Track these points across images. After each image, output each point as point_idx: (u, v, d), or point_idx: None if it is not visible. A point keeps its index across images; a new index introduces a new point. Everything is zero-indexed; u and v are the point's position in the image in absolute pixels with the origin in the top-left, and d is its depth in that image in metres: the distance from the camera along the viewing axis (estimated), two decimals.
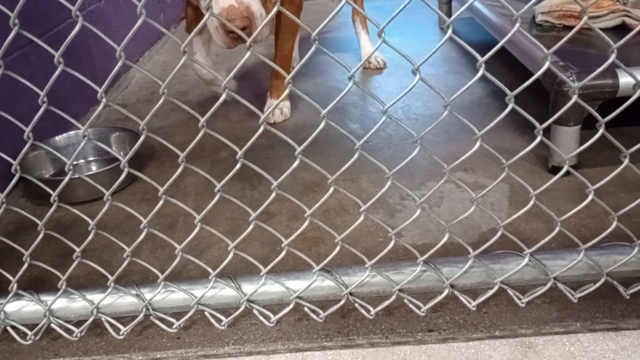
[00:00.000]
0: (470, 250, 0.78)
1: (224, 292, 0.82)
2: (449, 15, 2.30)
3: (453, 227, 0.80)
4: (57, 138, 1.47)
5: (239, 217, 1.21)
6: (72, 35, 0.60)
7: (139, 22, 0.59)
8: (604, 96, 1.11)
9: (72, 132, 1.53)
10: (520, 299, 0.81)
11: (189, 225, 1.21)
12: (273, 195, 0.71)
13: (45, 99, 0.65)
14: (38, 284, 1.05)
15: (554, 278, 0.79)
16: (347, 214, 1.19)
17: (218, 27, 1.23)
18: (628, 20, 1.41)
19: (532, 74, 0.65)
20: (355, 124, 1.59)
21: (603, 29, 1.42)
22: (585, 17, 0.60)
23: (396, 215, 1.16)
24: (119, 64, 0.63)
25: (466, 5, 0.63)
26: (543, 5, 1.54)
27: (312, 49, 0.62)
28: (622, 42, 0.64)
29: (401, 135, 1.50)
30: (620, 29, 1.41)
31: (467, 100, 1.63)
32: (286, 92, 0.66)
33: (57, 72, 0.63)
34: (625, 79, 1.11)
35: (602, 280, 0.80)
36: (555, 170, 1.23)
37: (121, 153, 1.51)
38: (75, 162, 1.49)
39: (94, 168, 1.49)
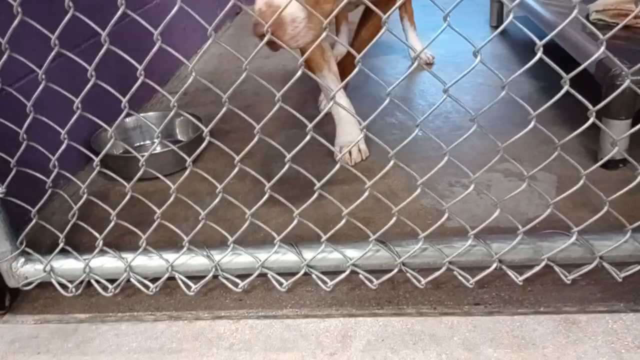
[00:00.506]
0: (519, 227, 0.83)
1: (285, 256, 0.90)
2: (501, 13, 2.32)
3: (501, 211, 0.84)
4: (126, 120, 1.58)
5: (294, 196, 1.29)
6: (172, 14, 0.68)
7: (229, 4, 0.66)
8: None
9: (141, 114, 1.64)
10: (566, 277, 0.85)
11: (247, 201, 1.29)
12: (337, 166, 0.78)
13: (142, 72, 0.74)
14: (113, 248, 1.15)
15: (600, 257, 0.83)
16: (397, 197, 1.24)
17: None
18: None
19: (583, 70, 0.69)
20: (405, 115, 1.64)
21: None
22: (638, 9, 0.64)
23: (445, 200, 1.21)
24: (210, 40, 0.70)
25: (515, 2, 0.68)
26: (598, 4, 1.56)
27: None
28: None
29: (449, 126, 1.54)
30: None
31: (517, 95, 1.65)
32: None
33: (155, 48, 0.72)
34: None
35: None
36: (604, 164, 1.25)
37: (184, 136, 1.62)
38: (142, 143, 1.60)
39: (159, 149, 1.59)
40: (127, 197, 0.87)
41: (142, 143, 1.61)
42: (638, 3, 0.63)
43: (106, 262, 0.95)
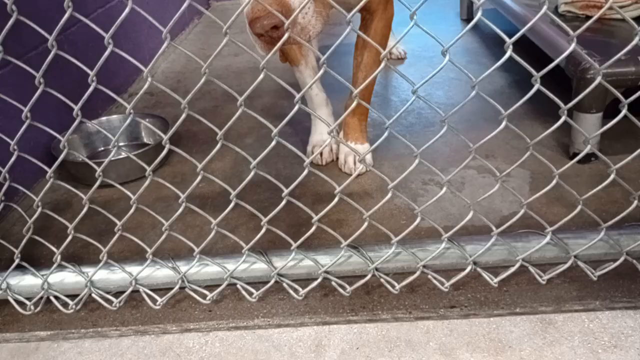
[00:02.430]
0: (494, 228, 0.81)
1: (255, 266, 0.86)
2: (471, 6, 2.32)
3: (475, 212, 0.83)
4: (88, 124, 1.52)
5: (265, 199, 1.25)
6: (123, 16, 0.64)
7: (185, 4, 0.62)
8: (626, 83, 1.12)
9: (102, 118, 1.59)
10: (541, 277, 0.84)
11: (217, 206, 1.25)
12: (306, 171, 0.75)
13: (94, 77, 0.69)
14: (75, 261, 1.10)
15: (575, 256, 0.82)
16: (370, 198, 1.22)
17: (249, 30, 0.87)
18: None
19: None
20: (378, 111, 1.61)
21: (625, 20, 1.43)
22: (610, 2, 0.63)
23: (418, 200, 1.19)
24: (165, 44, 0.66)
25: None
26: None
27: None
28: None
29: (423, 123, 1.53)
30: None
31: (489, 90, 1.65)
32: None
33: (106, 52, 0.67)
34: None
35: (622, 259, 0.82)
36: (576, 157, 1.25)
37: (150, 139, 1.56)
38: (105, 147, 1.55)
39: (123, 154, 1.54)
40: (85, 208, 0.82)
41: (106, 147, 1.55)
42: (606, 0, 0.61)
43: (66, 277, 0.90)
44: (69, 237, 0.86)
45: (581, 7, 1.52)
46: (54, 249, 0.88)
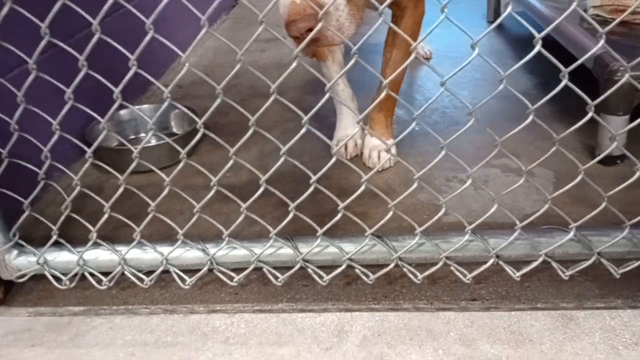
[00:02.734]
0: (517, 222, 0.82)
1: (281, 250, 0.89)
2: (498, 8, 2.31)
3: (498, 207, 0.84)
4: (121, 112, 1.57)
5: (290, 190, 1.28)
6: (163, 3, 0.67)
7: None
8: None
9: (135, 107, 1.63)
10: (563, 273, 0.84)
11: (244, 194, 1.28)
12: (333, 159, 0.77)
13: (135, 62, 0.72)
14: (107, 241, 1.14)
15: (598, 253, 0.83)
16: (394, 192, 1.24)
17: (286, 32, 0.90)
18: None
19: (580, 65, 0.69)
20: (403, 109, 1.63)
21: None
22: (637, 2, 0.64)
23: (442, 195, 1.20)
24: (203, 30, 0.69)
25: None
26: None
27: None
28: None
29: (447, 122, 1.54)
30: None
31: (514, 90, 1.66)
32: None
33: (147, 37, 0.71)
34: None
35: None
36: (601, 160, 1.25)
37: (180, 130, 1.60)
38: (135, 136, 1.59)
39: (154, 141, 1.58)
40: (121, 189, 0.86)
41: (136, 136, 1.59)
42: None
43: (100, 255, 0.94)
44: (105, 216, 0.89)
45: (610, 11, 1.52)
46: (89, 227, 0.92)
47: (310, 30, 0.80)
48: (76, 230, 1.17)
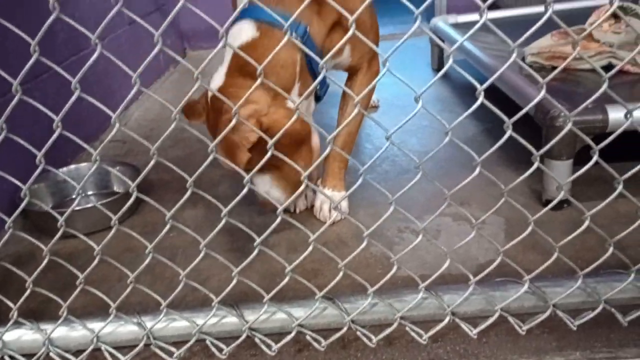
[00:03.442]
0: (471, 277, 0.79)
1: (226, 320, 0.82)
2: (442, 57, 2.38)
3: (451, 260, 0.81)
4: (56, 172, 1.48)
5: (237, 249, 1.22)
6: (90, 62, 0.63)
7: (156, 49, 0.61)
8: (594, 131, 1.15)
9: (71, 166, 1.55)
10: (520, 327, 0.81)
11: (188, 257, 1.21)
12: (279, 219, 0.73)
13: (59, 123, 0.67)
14: (34, 317, 1.04)
15: (553, 305, 0.80)
16: (346, 247, 1.20)
17: None
18: (614, 62, 1.47)
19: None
20: (352, 159, 1.61)
21: (590, 70, 1.48)
22: (578, 49, 0.64)
23: (394, 248, 1.17)
24: (134, 89, 0.65)
25: (456, 45, 0.65)
26: (532, 47, 1.61)
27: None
28: (612, 72, 0.67)
29: (397, 170, 1.53)
30: (607, 70, 1.46)
31: (461, 138, 1.67)
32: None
33: (73, 97, 0.66)
34: (614, 115, 1.15)
35: (600, 308, 0.80)
36: (548, 203, 1.25)
37: (121, 188, 1.53)
38: (73, 196, 1.50)
39: (94, 202, 1.49)
40: (45, 260, 0.78)
41: (75, 196, 1.50)
42: (575, 46, 0.62)
43: (23, 335, 0.85)
44: (27, 292, 0.81)
45: (547, 58, 1.57)
46: (10, 304, 0.83)
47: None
48: (3, 307, 1.06)
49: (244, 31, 1.07)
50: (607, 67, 1.47)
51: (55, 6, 0.60)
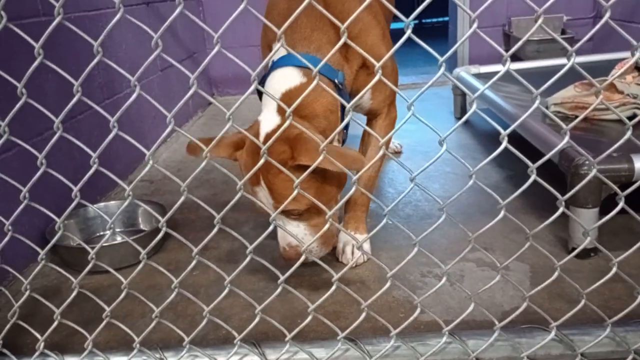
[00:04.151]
0: (496, 322, 0.78)
1: (247, 358, 0.82)
2: (464, 105, 2.41)
3: (475, 305, 0.80)
4: (87, 209, 1.52)
5: (260, 289, 1.22)
6: (125, 105, 0.66)
7: (191, 91, 0.65)
8: (620, 179, 1.14)
9: (101, 204, 1.59)
10: None
11: (210, 295, 1.22)
12: (302, 257, 0.74)
13: (96, 159, 0.70)
14: (60, 351, 1.05)
15: (581, 354, 0.78)
16: (368, 289, 1.19)
17: None
18: (638, 112, 1.47)
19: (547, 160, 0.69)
20: (374, 203, 1.62)
21: (614, 120, 1.49)
22: (601, 96, 0.65)
23: (417, 292, 1.16)
24: (169, 128, 0.68)
25: (480, 91, 0.68)
26: (556, 97, 1.62)
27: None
28: (637, 119, 0.68)
29: (420, 215, 1.53)
30: (631, 120, 1.47)
31: (484, 184, 1.66)
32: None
33: (111, 135, 0.69)
34: None
35: (630, 358, 0.78)
36: (574, 251, 1.24)
37: (147, 226, 1.56)
38: (101, 233, 1.53)
39: (119, 239, 1.52)
40: (74, 293, 0.80)
41: (102, 233, 1.53)
42: (596, 95, 0.64)
43: None
44: (55, 323, 0.82)
45: (570, 108, 1.58)
46: (37, 335, 0.84)
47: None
48: (26, 339, 1.08)
49: (290, 76, 1.11)
50: (631, 118, 1.47)
51: (99, 50, 0.65)
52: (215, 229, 0.74)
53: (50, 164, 0.74)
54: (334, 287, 0.76)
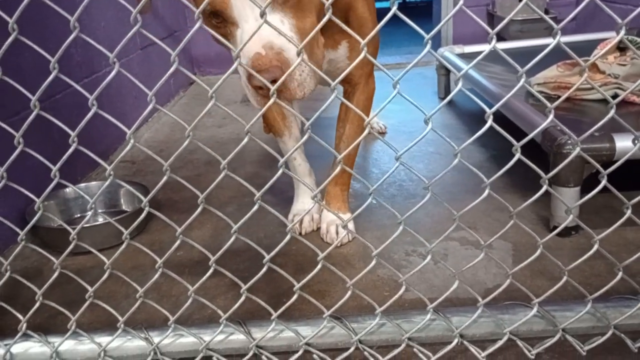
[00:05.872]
0: (480, 299, 0.79)
1: (233, 337, 0.82)
2: (448, 85, 2.41)
3: (459, 282, 0.81)
4: (66, 190, 1.50)
5: (245, 269, 1.22)
6: (105, 83, 0.64)
7: (172, 68, 0.63)
8: (601, 159, 1.16)
9: (81, 184, 1.56)
10: (529, 351, 0.81)
11: (195, 275, 1.21)
12: (288, 237, 0.73)
13: (75, 138, 0.68)
14: (41, 332, 1.04)
15: (563, 329, 0.80)
16: (353, 268, 1.20)
17: (247, 83, 0.88)
18: (620, 92, 1.49)
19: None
20: (358, 183, 1.62)
21: (596, 100, 1.50)
22: (585, 75, 0.65)
23: (402, 270, 1.17)
24: (150, 106, 0.66)
25: (464, 70, 0.67)
26: (538, 77, 1.63)
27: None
28: (619, 99, 0.68)
29: (404, 195, 1.53)
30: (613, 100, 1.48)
31: (468, 163, 1.69)
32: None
33: (90, 113, 0.67)
34: (621, 143, 1.16)
35: (610, 333, 0.80)
36: (556, 229, 1.25)
37: (129, 207, 1.54)
38: (81, 214, 1.51)
39: (101, 220, 1.50)
40: (55, 274, 0.78)
41: (83, 214, 1.51)
42: (580, 75, 0.64)
43: (31, 347, 0.85)
44: (37, 304, 0.81)
45: (553, 87, 1.59)
46: (20, 316, 0.83)
47: (274, 81, 0.77)
48: (7, 320, 1.06)
49: None
50: (613, 98, 1.49)
51: (75, 25, 0.62)
52: (200, 209, 0.73)
53: (28, 144, 0.72)
54: (319, 266, 0.76)
